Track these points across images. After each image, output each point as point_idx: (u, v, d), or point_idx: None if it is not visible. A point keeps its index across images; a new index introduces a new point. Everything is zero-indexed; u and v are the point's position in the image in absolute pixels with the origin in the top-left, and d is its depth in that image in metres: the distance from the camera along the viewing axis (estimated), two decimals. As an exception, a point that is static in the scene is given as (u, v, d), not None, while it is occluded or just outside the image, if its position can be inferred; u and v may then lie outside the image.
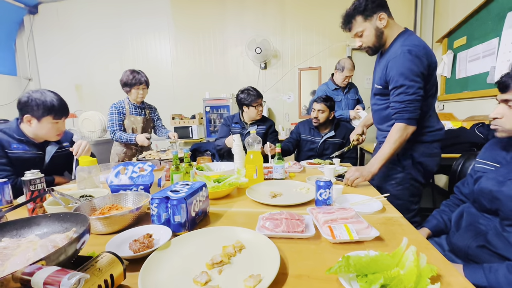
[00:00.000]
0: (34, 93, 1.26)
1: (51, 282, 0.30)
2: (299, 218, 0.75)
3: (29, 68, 4.53)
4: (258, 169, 1.26)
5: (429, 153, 1.27)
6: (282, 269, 0.57)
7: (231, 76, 4.06)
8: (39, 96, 1.26)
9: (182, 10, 4.02)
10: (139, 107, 2.21)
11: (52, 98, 1.29)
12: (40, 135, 1.34)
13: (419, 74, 1.12)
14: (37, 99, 1.25)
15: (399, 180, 1.30)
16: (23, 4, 4.20)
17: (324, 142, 2.07)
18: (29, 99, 1.24)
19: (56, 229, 0.57)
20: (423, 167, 1.28)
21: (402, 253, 0.55)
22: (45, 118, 1.28)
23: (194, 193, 0.80)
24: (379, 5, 1.18)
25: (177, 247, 0.65)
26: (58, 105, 1.30)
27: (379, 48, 1.27)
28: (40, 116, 1.27)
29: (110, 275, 0.49)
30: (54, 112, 1.29)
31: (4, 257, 0.44)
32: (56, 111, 1.30)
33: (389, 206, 0.95)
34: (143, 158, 1.67)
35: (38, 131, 1.31)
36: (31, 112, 1.26)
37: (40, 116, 1.27)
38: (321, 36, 3.74)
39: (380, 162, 1.19)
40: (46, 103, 1.26)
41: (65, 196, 0.91)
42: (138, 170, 1.02)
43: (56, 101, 1.29)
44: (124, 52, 4.24)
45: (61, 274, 0.31)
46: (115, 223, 0.77)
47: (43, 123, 1.29)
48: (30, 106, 1.25)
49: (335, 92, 2.56)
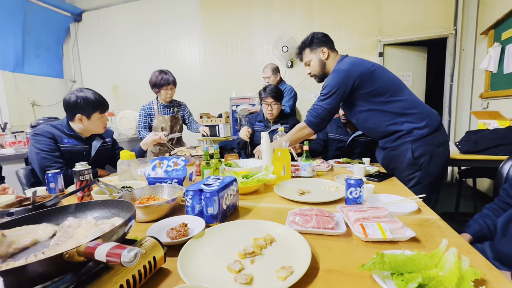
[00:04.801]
0: (79, 93, 1.39)
1: (113, 254, 0.34)
2: (329, 215, 0.75)
3: (73, 71, 4.97)
4: (285, 167, 1.27)
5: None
6: (313, 263, 0.58)
7: (257, 76, 4.09)
8: (84, 96, 1.38)
9: (210, 13, 4.14)
10: (167, 106, 2.32)
11: (94, 95, 1.41)
12: (91, 130, 1.48)
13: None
14: (84, 98, 1.38)
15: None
16: (70, 13, 4.61)
17: (352, 141, 2.01)
18: (78, 100, 1.37)
19: (105, 214, 0.64)
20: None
21: (441, 254, 0.52)
22: (94, 114, 1.41)
23: (226, 187, 0.83)
24: (322, 41, 1.44)
25: (211, 236, 0.68)
26: (101, 101, 1.44)
27: (324, 76, 1.48)
28: (90, 113, 1.41)
29: (153, 257, 0.54)
30: (100, 108, 1.42)
31: (68, 234, 0.50)
32: (101, 106, 1.43)
33: (425, 207, 0.90)
34: (175, 154, 1.76)
35: (89, 127, 1.45)
36: (82, 112, 1.39)
37: (90, 113, 1.40)
38: (350, 33, 3.62)
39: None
40: (93, 101, 1.39)
41: (109, 186, 1.00)
42: (173, 164, 1.08)
43: (98, 97, 1.43)
44: (156, 55, 4.47)
45: (120, 248, 0.35)
46: (154, 212, 0.83)
47: (93, 119, 1.42)
48: (80, 106, 1.38)
49: None
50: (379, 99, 1.32)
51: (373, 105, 1.34)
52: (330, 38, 1.48)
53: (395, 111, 1.32)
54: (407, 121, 1.31)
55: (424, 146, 1.28)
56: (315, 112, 1.41)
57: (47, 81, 4.59)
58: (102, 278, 0.44)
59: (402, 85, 1.37)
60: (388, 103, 1.32)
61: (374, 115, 1.36)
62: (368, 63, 1.35)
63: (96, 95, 1.42)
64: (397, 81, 1.36)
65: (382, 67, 1.39)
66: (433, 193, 1.31)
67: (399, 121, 1.32)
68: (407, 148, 1.30)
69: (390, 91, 1.32)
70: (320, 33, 1.46)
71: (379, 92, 1.32)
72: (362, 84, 1.32)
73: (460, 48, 3.34)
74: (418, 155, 1.28)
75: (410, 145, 1.30)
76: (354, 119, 1.48)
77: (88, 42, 4.84)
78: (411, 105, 1.32)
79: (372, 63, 1.36)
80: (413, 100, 1.34)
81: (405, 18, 3.43)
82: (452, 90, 3.46)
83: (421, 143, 1.28)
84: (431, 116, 1.32)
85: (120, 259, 0.34)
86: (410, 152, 1.28)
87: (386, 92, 1.32)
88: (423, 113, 1.31)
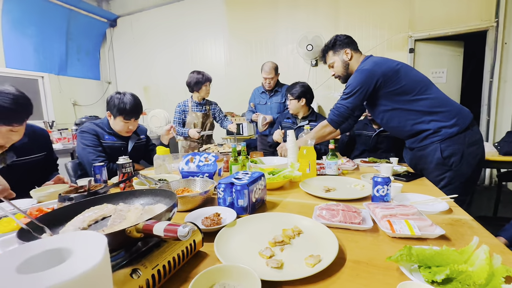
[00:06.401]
0: (116, 94, 1.52)
1: (170, 229, 0.41)
2: (356, 211, 0.77)
3: (109, 73, 5.35)
4: (311, 164, 1.29)
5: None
6: (340, 254, 0.60)
7: (281, 75, 4.09)
8: (117, 99, 1.50)
9: (236, 15, 4.23)
10: (200, 104, 2.49)
11: (126, 102, 1.50)
12: (115, 129, 1.60)
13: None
14: (114, 100, 1.51)
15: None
16: (106, 19, 4.97)
17: (377, 136, 1.98)
18: (111, 99, 1.52)
19: (150, 201, 0.71)
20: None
21: (472, 251, 0.53)
22: (118, 117, 1.53)
23: (255, 181, 0.88)
24: (345, 43, 1.47)
25: (242, 226, 0.73)
26: (129, 108, 1.51)
27: (348, 76, 1.49)
28: (115, 114, 1.53)
29: (193, 240, 0.60)
30: (124, 114, 1.52)
31: (121, 216, 0.58)
32: (126, 113, 1.52)
33: (457, 208, 0.88)
34: (204, 151, 1.85)
35: (113, 126, 1.59)
36: (110, 110, 1.54)
37: (114, 114, 1.53)
38: (379, 29, 3.51)
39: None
40: (120, 105, 1.50)
41: (148, 178, 1.09)
42: (204, 159, 1.16)
43: (129, 105, 1.50)
44: (184, 57, 4.66)
45: (175, 225, 0.41)
46: (188, 203, 0.90)
47: (117, 120, 1.55)
48: (109, 105, 1.53)
49: (262, 95, 2.70)
50: (404, 98, 1.31)
51: (397, 104, 1.33)
52: (353, 39, 1.50)
53: (421, 109, 1.29)
54: (434, 120, 1.27)
55: (454, 146, 1.23)
56: (337, 110, 1.44)
57: (86, 83, 5.00)
58: (153, 254, 0.51)
59: (429, 83, 1.34)
60: (414, 101, 1.30)
61: (399, 114, 1.34)
62: (392, 62, 1.35)
63: (128, 102, 1.49)
64: (424, 79, 1.34)
65: (408, 65, 1.37)
66: (466, 194, 1.26)
67: (426, 120, 1.29)
68: (435, 148, 1.27)
69: (416, 90, 1.30)
70: (343, 35, 1.50)
71: (404, 90, 1.30)
72: (386, 83, 1.31)
73: (502, 41, 3.10)
74: (448, 154, 1.24)
75: (438, 144, 1.26)
76: (378, 118, 1.46)
77: (122, 46, 5.17)
78: (439, 103, 1.28)
79: (397, 62, 1.35)
80: (441, 98, 1.31)
81: (439, 11, 3.24)
82: (492, 87, 3.22)
83: (451, 142, 1.24)
84: (461, 114, 1.27)
85: (177, 233, 0.40)
86: (439, 152, 1.25)
87: (411, 90, 1.30)
88: (452, 111, 1.27)
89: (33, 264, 0.28)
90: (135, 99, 1.55)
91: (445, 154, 1.24)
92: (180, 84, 4.47)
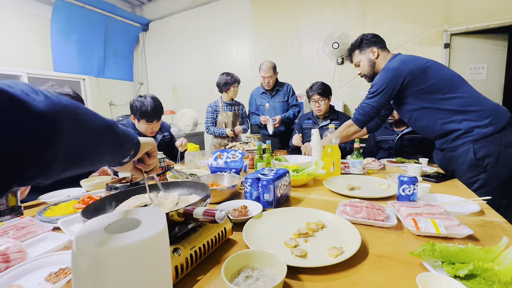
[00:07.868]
0: (136, 100, 1.64)
1: (209, 213, 0.47)
2: (380, 208, 0.78)
3: (141, 74, 5.69)
4: (335, 163, 1.30)
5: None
6: (363, 247, 0.63)
7: (306, 73, 4.08)
8: (138, 103, 1.62)
9: (261, 14, 4.27)
10: (230, 104, 2.61)
11: (147, 105, 1.61)
12: (140, 131, 1.73)
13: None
14: (136, 104, 1.63)
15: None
16: (139, 23, 5.29)
17: (401, 139, 1.91)
18: (133, 103, 1.64)
19: (185, 192, 0.79)
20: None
21: (500, 251, 0.52)
22: (141, 120, 1.66)
23: (280, 177, 0.93)
24: (372, 42, 1.46)
25: (268, 218, 0.78)
26: (150, 111, 1.62)
27: (374, 75, 1.47)
28: (138, 118, 1.66)
29: (224, 228, 0.66)
30: (147, 117, 1.64)
31: (160, 203, 0.66)
32: (148, 116, 1.63)
33: (490, 210, 0.85)
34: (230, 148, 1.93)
35: (138, 127, 1.72)
36: (133, 113, 1.67)
37: (138, 118, 1.66)
38: (410, 23, 3.34)
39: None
40: (141, 110, 1.61)
41: (180, 172, 1.18)
42: (231, 156, 1.23)
43: (150, 108, 1.61)
44: (210, 57, 4.82)
45: (213, 209, 0.47)
46: (218, 196, 0.97)
47: (140, 123, 1.68)
48: (132, 109, 1.66)
49: (263, 96, 2.67)
50: (434, 97, 1.26)
51: (426, 102, 1.29)
52: (380, 37, 1.48)
53: (452, 108, 1.24)
54: (466, 119, 1.22)
55: (489, 146, 1.17)
56: (362, 110, 1.43)
57: (120, 84, 5.38)
58: (190, 237, 0.58)
59: (461, 80, 1.28)
60: (444, 100, 1.25)
61: (428, 113, 1.30)
62: (421, 60, 1.31)
63: (149, 106, 1.60)
64: (455, 76, 1.29)
65: (437, 63, 1.32)
66: (504, 197, 1.18)
67: (457, 119, 1.24)
68: (468, 148, 1.21)
69: (446, 88, 1.25)
70: (370, 34, 1.49)
71: (434, 89, 1.26)
72: (414, 81, 1.28)
73: (554, 33, 2.80)
74: (482, 156, 1.18)
75: (471, 145, 1.20)
76: (406, 118, 1.42)
77: (153, 48, 5.48)
78: (472, 102, 1.22)
79: (426, 60, 1.31)
80: (474, 96, 1.24)
81: (479, 2, 3.01)
82: (541, 83, 2.93)
83: (485, 142, 1.18)
84: (497, 113, 1.20)
85: (215, 216, 0.46)
86: (472, 153, 1.19)
87: (441, 88, 1.25)
88: (487, 110, 1.20)
89: (114, 228, 0.36)
90: (155, 102, 1.66)
91: (479, 155, 1.18)
92: (205, 85, 4.65)
